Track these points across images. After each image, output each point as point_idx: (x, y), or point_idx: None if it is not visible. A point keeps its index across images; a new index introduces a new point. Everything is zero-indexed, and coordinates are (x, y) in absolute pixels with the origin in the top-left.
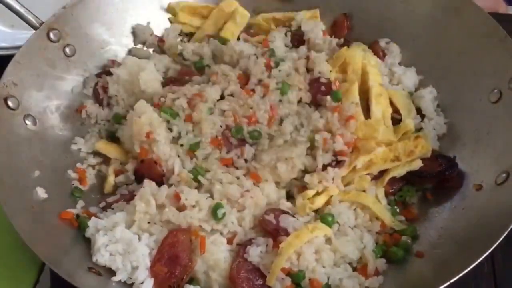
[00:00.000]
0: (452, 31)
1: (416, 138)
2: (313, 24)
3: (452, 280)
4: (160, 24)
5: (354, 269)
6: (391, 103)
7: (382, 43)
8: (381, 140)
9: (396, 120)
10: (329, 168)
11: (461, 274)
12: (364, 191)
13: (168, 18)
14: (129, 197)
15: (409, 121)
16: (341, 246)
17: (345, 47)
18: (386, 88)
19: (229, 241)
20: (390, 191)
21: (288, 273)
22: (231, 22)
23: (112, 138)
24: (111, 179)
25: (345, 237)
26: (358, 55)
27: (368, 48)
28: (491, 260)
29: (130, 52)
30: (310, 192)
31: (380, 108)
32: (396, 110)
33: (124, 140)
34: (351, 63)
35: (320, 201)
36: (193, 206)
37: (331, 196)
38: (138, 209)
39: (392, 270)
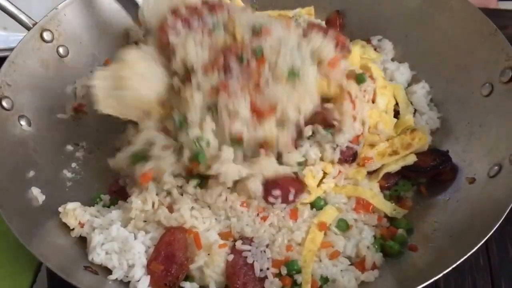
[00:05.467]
0: (444, 26)
1: (412, 131)
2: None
3: (445, 271)
4: None
5: (352, 264)
6: None
7: (375, 41)
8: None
9: (394, 113)
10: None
11: (454, 265)
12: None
13: None
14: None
15: (409, 117)
16: (339, 240)
17: None
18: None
19: (224, 237)
20: (386, 186)
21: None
22: None
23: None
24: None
25: (343, 231)
26: (356, 51)
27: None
28: (486, 253)
29: None
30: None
31: (384, 99)
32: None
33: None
34: (351, 57)
35: (311, 197)
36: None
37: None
38: (135, 206)
39: (387, 263)
